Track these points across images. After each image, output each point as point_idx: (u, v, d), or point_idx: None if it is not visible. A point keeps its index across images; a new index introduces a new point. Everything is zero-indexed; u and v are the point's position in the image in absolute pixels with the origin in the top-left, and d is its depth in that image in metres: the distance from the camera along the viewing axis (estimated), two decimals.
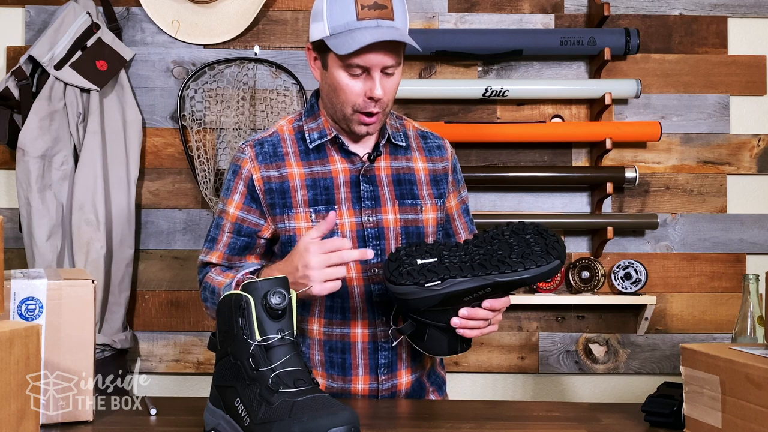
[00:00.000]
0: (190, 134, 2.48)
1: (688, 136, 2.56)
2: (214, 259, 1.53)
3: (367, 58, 1.37)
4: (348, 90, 1.41)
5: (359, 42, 1.34)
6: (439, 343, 1.38)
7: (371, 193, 1.50)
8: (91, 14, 2.41)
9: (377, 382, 1.50)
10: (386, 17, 1.37)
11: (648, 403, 1.28)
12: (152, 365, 2.52)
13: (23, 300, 1.19)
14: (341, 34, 1.37)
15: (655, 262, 2.54)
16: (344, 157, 1.51)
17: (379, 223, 1.49)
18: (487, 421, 1.29)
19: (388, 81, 1.42)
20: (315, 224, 1.45)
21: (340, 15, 1.37)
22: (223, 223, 1.52)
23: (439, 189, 1.57)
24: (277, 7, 2.56)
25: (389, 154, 1.54)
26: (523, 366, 2.55)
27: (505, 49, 2.46)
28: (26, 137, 2.33)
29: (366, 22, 1.36)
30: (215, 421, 1.16)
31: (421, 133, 1.62)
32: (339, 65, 1.40)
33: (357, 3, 1.36)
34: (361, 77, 1.41)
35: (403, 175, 1.53)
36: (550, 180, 2.49)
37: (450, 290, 1.28)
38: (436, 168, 1.58)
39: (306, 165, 1.50)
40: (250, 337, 1.10)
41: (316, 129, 1.52)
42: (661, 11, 2.57)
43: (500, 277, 1.28)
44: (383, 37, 1.35)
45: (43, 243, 2.33)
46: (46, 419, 1.19)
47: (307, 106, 1.56)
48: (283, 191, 1.48)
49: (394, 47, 1.38)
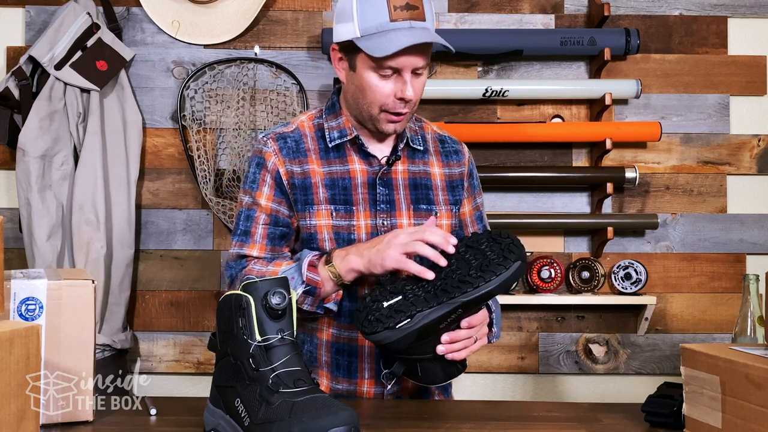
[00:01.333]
0: (190, 134, 2.48)
1: (688, 136, 2.56)
2: (255, 252, 1.48)
3: (400, 60, 1.36)
4: (378, 91, 1.40)
5: (396, 45, 1.33)
6: (434, 373, 1.37)
7: (387, 196, 1.49)
8: (91, 14, 2.41)
9: (383, 387, 1.50)
10: (418, 18, 1.36)
11: (648, 403, 1.28)
12: (152, 365, 2.52)
13: (23, 300, 1.19)
14: (374, 35, 1.36)
15: (655, 262, 2.54)
16: (363, 158, 1.50)
17: (394, 227, 1.47)
18: (487, 421, 1.29)
19: (417, 81, 1.41)
20: (335, 222, 1.45)
21: (372, 16, 1.36)
22: (255, 215, 1.48)
23: (455, 195, 1.56)
24: (277, 7, 2.56)
25: (407, 157, 1.53)
26: (523, 366, 2.55)
27: (505, 49, 2.46)
28: (26, 137, 2.33)
29: (399, 24, 1.35)
30: (215, 421, 1.16)
31: (439, 137, 1.61)
32: (369, 66, 1.39)
33: (390, 4, 1.35)
34: (392, 78, 1.40)
35: (419, 180, 1.52)
36: (550, 180, 2.49)
37: (421, 324, 1.26)
38: (452, 173, 1.57)
39: (326, 164, 1.49)
40: (250, 337, 1.10)
41: (337, 128, 1.50)
42: (661, 11, 2.57)
43: (465, 297, 1.25)
44: (419, 39, 1.34)
45: (43, 243, 2.33)
46: (46, 419, 1.19)
47: (328, 104, 1.54)
48: (305, 187, 1.47)
49: (424, 48, 1.38)
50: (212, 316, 2.52)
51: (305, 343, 1.53)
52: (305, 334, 1.52)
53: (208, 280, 2.53)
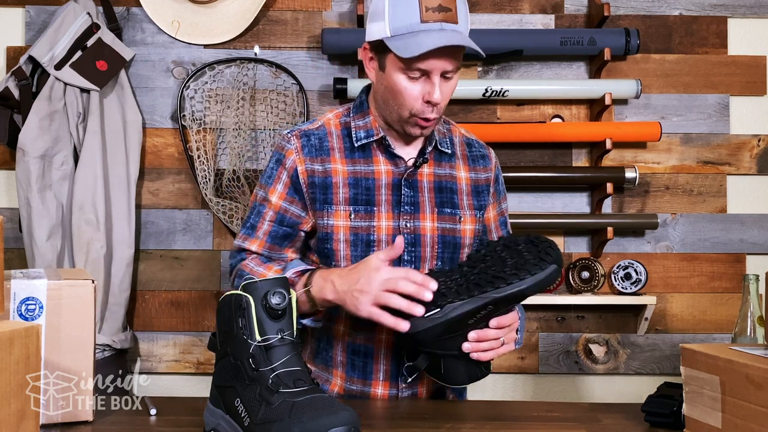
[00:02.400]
0: (190, 134, 2.48)
1: (688, 136, 2.56)
2: (254, 247, 1.49)
3: (429, 62, 1.34)
4: (406, 93, 1.39)
5: (424, 46, 1.31)
6: (457, 372, 1.35)
7: (411, 198, 1.48)
8: (91, 14, 2.41)
9: (397, 389, 1.49)
10: (450, 20, 1.34)
11: (648, 403, 1.28)
12: (152, 365, 2.52)
13: (23, 300, 1.19)
14: (404, 36, 1.34)
15: (655, 262, 2.54)
16: (389, 159, 1.49)
17: (416, 230, 1.46)
18: (487, 421, 1.29)
19: (446, 85, 1.40)
20: (353, 224, 1.44)
21: (403, 16, 1.34)
22: (264, 211, 1.49)
23: (480, 201, 1.55)
24: (277, 7, 2.56)
25: (434, 160, 1.52)
26: (523, 366, 2.55)
27: (505, 49, 2.46)
28: (26, 137, 2.33)
29: (430, 25, 1.33)
30: (215, 421, 1.16)
31: (466, 141, 1.59)
32: (398, 68, 1.37)
33: (421, 4, 1.33)
34: (420, 80, 1.38)
35: (445, 183, 1.51)
36: (550, 180, 2.49)
37: (451, 316, 1.24)
38: (478, 178, 1.56)
39: (350, 163, 1.47)
40: (250, 337, 1.10)
41: (364, 127, 1.49)
42: (661, 11, 2.57)
43: (497, 293, 1.23)
44: (448, 41, 1.32)
45: (43, 243, 2.33)
46: (46, 419, 1.19)
47: (356, 103, 1.53)
48: (325, 186, 1.46)
49: (455, 51, 1.36)
50: (212, 316, 2.52)
51: (321, 341, 1.52)
52: (321, 332, 1.51)
53: (208, 280, 2.53)
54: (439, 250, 1.48)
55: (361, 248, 1.45)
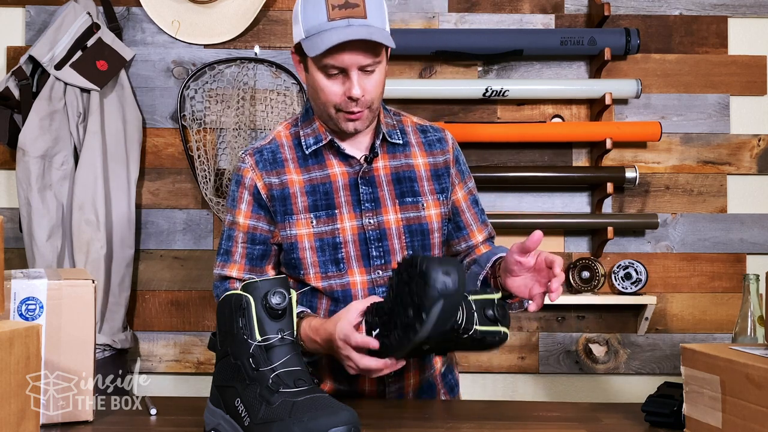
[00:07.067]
0: (190, 134, 2.48)
1: (688, 136, 2.56)
2: (234, 273, 1.50)
3: (340, 58, 1.36)
4: (327, 91, 1.41)
5: (327, 42, 1.33)
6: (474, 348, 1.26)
7: (371, 195, 1.49)
8: (92, 14, 2.41)
9: (384, 385, 1.50)
10: (358, 16, 1.35)
11: (648, 403, 1.28)
12: (152, 365, 2.52)
13: (23, 300, 1.19)
14: (314, 35, 1.36)
15: (655, 262, 2.54)
16: (342, 161, 1.50)
17: (381, 225, 1.48)
18: (487, 421, 1.29)
19: (368, 79, 1.40)
20: (316, 230, 1.45)
21: (312, 16, 1.36)
22: (235, 234, 1.50)
23: (441, 183, 1.55)
24: (277, 7, 2.56)
25: (387, 153, 1.52)
26: (523, 366, 2.55)
27: (505, 49, 2.46)
28: (26, 137, 2.33)
29: (337, 22, 1.35)
30: (215, 421, 1.16)
31: (420, 128, 1.60)
32: (316, 67, 1.39)
33: (328, 3, 1.35)
34: (339, 77, 1.39)
35: (402, 173, 1.52)
36: (550, 180, 2.49)
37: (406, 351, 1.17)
38: (437, 162, 1.56)
39: (305, 171, 1.49)
40: (250, 337, 1.10)
41: (312, 134, 1.51)
42: (661, 11, 2.57)
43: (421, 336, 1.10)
44: (351, 36, 1.33)
45: (43, 243, 2.33)
46: (46, 419, 1.19)
47: (302, 111, 1.55)
48: (284, 198, 1.47)
49: (370, 45, 1.36)
50: (212, 316, 2.52)
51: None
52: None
53: (208, 280, 2.52)
54: (408, 240, 1.49)
55: (329, 252, 1.46)
